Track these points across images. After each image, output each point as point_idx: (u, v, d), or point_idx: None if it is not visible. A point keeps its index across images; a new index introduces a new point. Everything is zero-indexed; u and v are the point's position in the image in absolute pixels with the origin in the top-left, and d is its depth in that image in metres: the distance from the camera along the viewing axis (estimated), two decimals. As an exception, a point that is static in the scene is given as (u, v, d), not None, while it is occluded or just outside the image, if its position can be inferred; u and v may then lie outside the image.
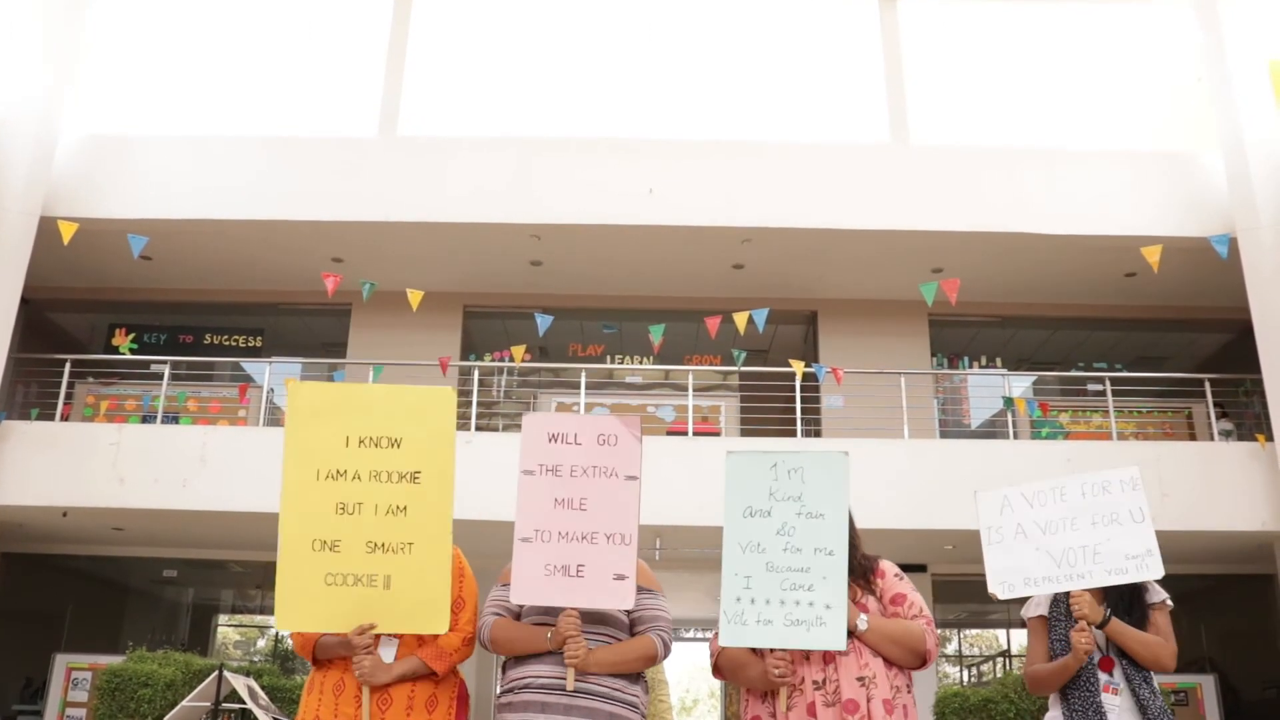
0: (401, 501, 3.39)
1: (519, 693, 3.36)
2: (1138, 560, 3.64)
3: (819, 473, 3.43)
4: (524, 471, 3.48)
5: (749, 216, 12.33)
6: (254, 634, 16.62)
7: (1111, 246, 12.33)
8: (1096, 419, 13.38)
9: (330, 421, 3.46)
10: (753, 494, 3.45)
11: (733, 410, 13.80)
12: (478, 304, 14.32)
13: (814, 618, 3.27)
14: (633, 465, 3.48)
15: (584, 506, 3.42)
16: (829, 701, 3.24)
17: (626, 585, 3.36)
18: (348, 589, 3.35)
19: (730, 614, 3.35)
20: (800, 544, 3.36)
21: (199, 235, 12.73)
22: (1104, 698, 3.65)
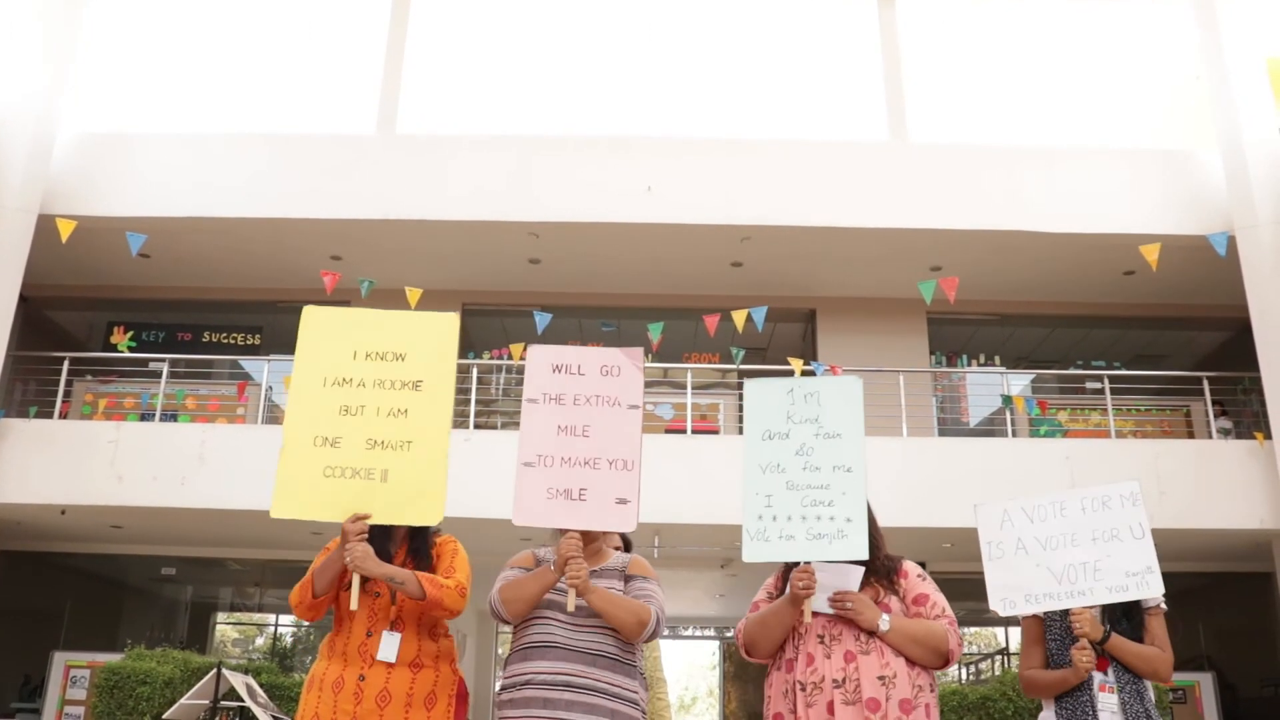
0: (403, 405, 3.50)
1: (520, 689, 3.36)
2: (1138, 578, 3.66)
3: (834, 395, 3.52)
4: (528, 400, 3.54)
5: (747, 214, 12.33)
6: (252, 632, 16.63)
7: (1110, 244, 12.34)
8: (1095, 417, 13.38)
9: (339, 339, 3.59)
10: (771, 418, 3.53)
11: (731, 408, 13.79)
12: (476, 302, 14.31)
13: (835, 531, 3.33)
14: (635, 395, 3.54)
15: (587, 433, 3.48)
16: (849, 700, 3.25)
17: (629, 509, 3.40)
18: (345, 480, 3.42)
19: (753, 531, 3.41)
20: (819, 463, 3.43)
21: (197, 233, 12.72)
22: (1100, 697, 3.67)
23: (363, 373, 3.54)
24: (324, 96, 13.72)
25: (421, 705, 3.43)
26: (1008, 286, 13.66)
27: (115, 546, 13.79)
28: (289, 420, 3.51)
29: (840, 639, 3.35)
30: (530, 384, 3.56)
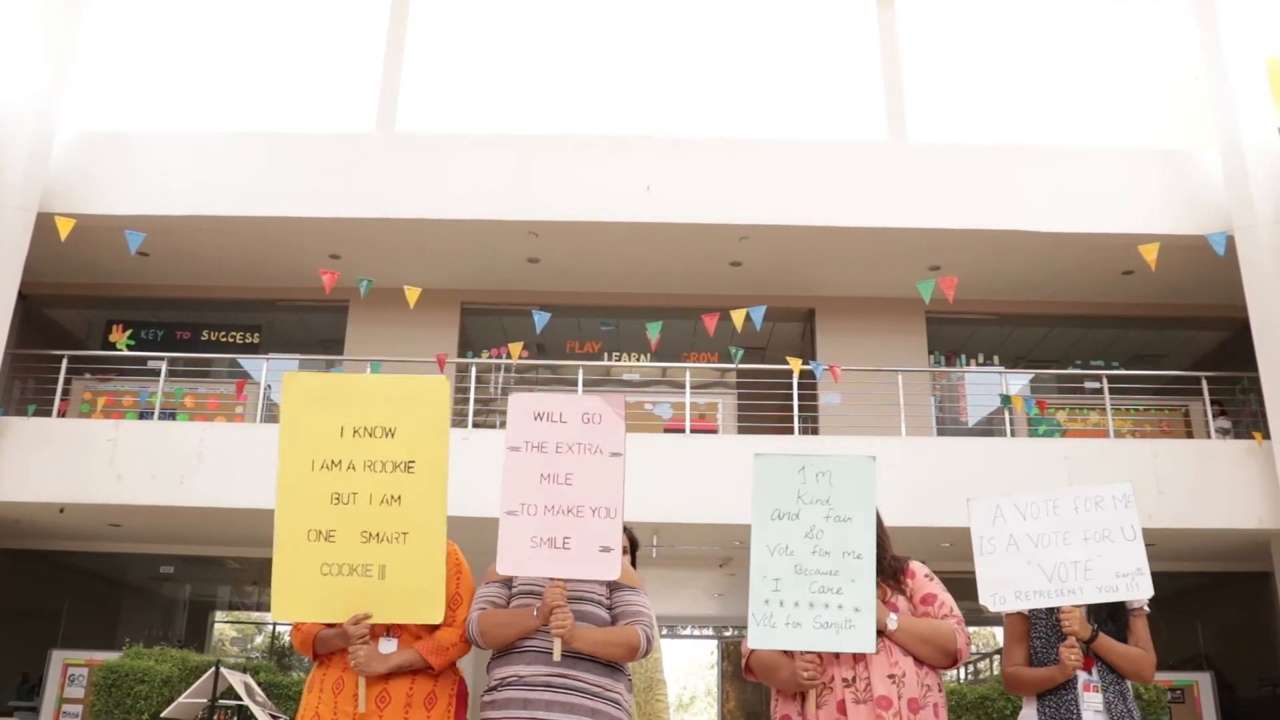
0: (396, 491, 3.42)
1: (501, 690, 3.38)
2: (1128, 579, 3.67)
3: (847, 476, 3.46)
4: (510, 448, 3.52)
5: (747, 214, 12.33)
6: (251, 630, 16.63)
7: (1109, 244, 12.34)
8: (1094, 417, 13.39)
9: (325, 411, 3.49)
10: (781, 497, 3.47)
11: (730, 408, 13.80)
12: (475, 301, 14.31)
13: (843, 620, 3.30)
14: (617, 442, 3.51)
15: (569, 481, 3.46)
16: (860, 699, 3.26)
17: (612, 557, 3.39)
18: (343, 579, 3.36)
19: (759, 616, 3.37)
20: (829, 547, 3.39)
21: (196, 231, 12.72)
22: (1085, 696, 3.69)
23: (352, 453, 3.44)
24: (323, 95, 13.71)
25: (421, 705, 3.43)
26: (1006, 286, 13.66)
27: (114, 545, 13.79)
28: (280, 511, 3.45)
29: None
30: (512, 432, 3.54)
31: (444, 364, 11.96)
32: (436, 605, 3.39)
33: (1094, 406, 13.34)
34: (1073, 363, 14.86)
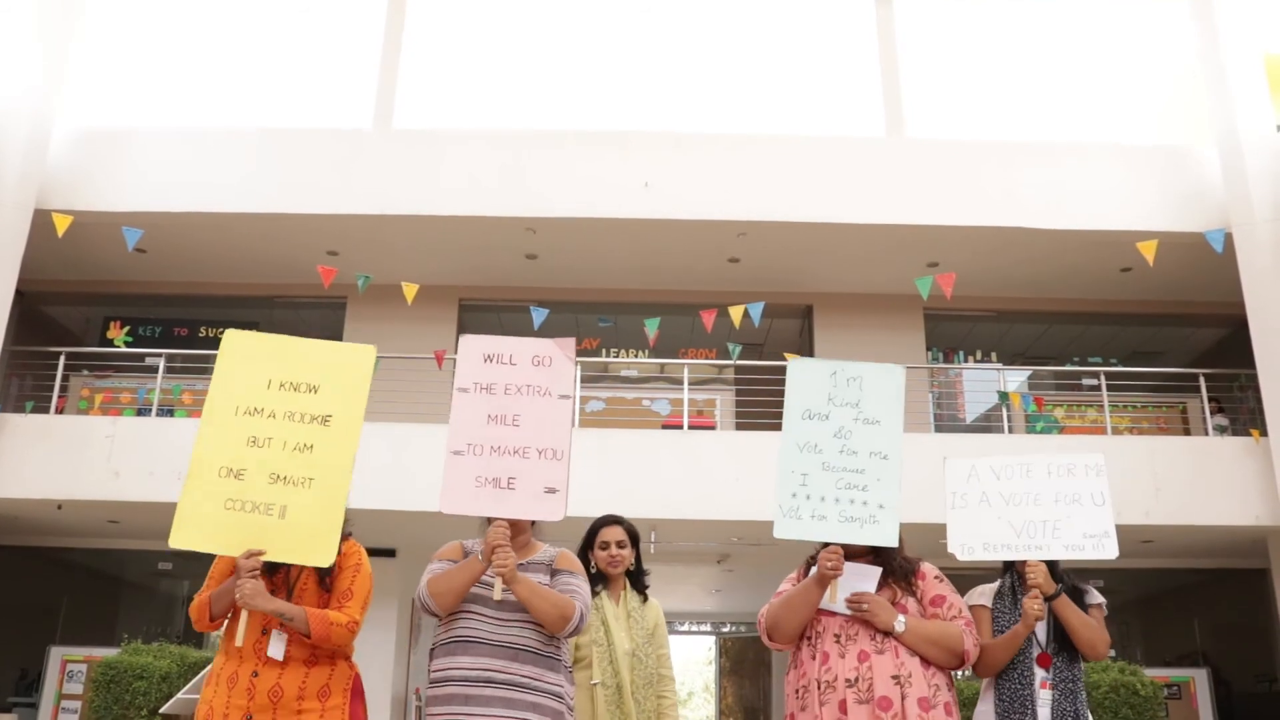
0: (309, 441, 3.51)
1: (443, 685, 3.39)
2: (1095, 540, 3.73)
3: (876, 382, 3.53)
4: (458, 389, 3.55)
5: (744, 210, 12.33)
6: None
7: (1107, 241, 12.35)
8: (1091, 413, 13.39)
9: (256, 366, 3.62)
10: (812, 398, 3.54)
11: (728, 404, 13.81)
12: (473, 297, 14.32)
13: (868, 515, 3.37)
14: (566, 385, 3.55)
15: (517, 423, 3.48)
16: (861, 699, 3.27)
17: (558, 498, 3.42)
18: (245, 515, 3.45)
19: (785, 508, 3.43)
20: (856, 447, 3.46)
21: (193, 228, 12.71)
22: (1039, 693, 3.71)
23: (274, 403, 3.56)
24: (320, 91, 13.70)
25: (315, 698, 3.46)
26: (1004, 283, 13.67)
27: (112, 541, 13.79)
28: (197, 448, 3.53)
29: (855, 639, 3.37)
30: (461, 373, 3.57)
31: (442, 360, 11.96)
32: (328, 549, 3.44)
33: (1091, 403, 13.35)
34: (1070, 359, 14.87)
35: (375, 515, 10.90)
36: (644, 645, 4.17)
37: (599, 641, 4.07)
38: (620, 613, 4.22)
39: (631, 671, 4.06)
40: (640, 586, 4.40)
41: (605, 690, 3.99)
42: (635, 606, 4.28)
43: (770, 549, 12.97)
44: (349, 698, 3.55)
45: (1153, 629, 13.50)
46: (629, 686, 4.01)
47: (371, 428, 12.36)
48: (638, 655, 4.12)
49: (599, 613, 4.15)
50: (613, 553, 4.33)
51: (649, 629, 4.25)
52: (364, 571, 3.65)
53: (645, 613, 4.30)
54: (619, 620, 4.19)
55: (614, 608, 4.22)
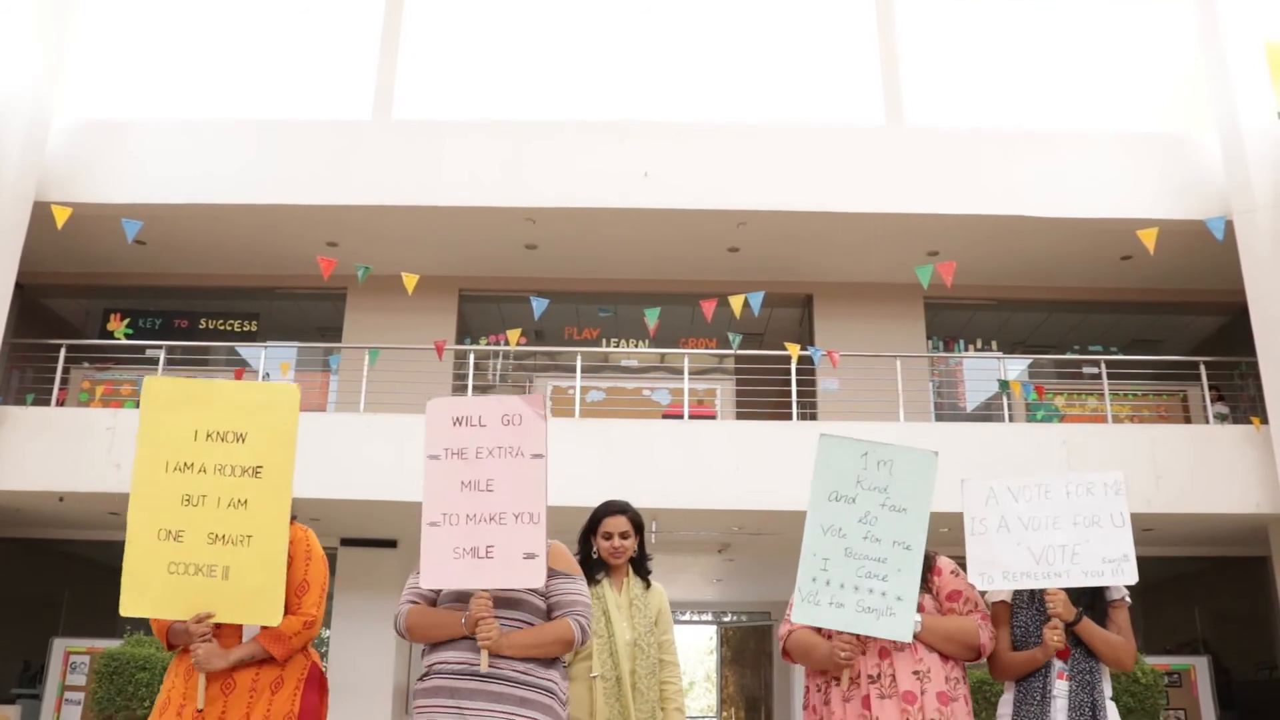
0: (243, 495, 3.49)
1: (430, 679, 3.39)
2: (1114, 565, 3.72)
3: (908, 468, 3.52)
4: (429, 457, 3.51)
5: (744, 199, 12.31)
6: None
7: (1107, 229, 12.33)
8: (1092, 402, 13.39)
9: (180, 415, 3.58)
10: (841, 479, 3.52)
11: (728, 393, 13.80)
12: (473, 287, 14.31)
13: (884, 607, 3.35)
14: (538, 443, 3.47)
15: (491, 488, 3.44)
16: (885, 694, 3.32)
17: (537, 564, 3.36)
18: (189, 578, 3.45)
19: (805, 593, 3.42)
20: (880, 534, 3.44)
21: (193, 219, 12.70)
22: (1056, 684, 3.72)
23: (204, 456, 3.54)
24: (319, 82, 13.69)
25: (267, 690, 3.48)
26: (1005, 271, 13.66)
27: (113, 533, 13.79)
28: (133, 509, 3.53)
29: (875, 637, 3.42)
30: (431, 440, 3.54)
31: (442, 350, 11.97)
32: (275, 607, 3.44)
33: (1092, 392, 13.35)
34: (1071, 348, 14.87)
35: (376, 506, 10.91)
36: (646, 634, 4.08)
37: (599, 633, 4.00)
38: (623, 601, 4.14)
39: (633, 661, 3.99)
40: (644, 573, 4.31)
41: (605, 683, 3.93)
42: (638, 594, 4.18)
43: (771, 538, 12.99)
44: (303, 687, 3.55)
45: (1153, 617, 13.51)
46: (629, 678, 3.94)
47: (372, 419, 12.35)
48: (640, 645, 4.04)
49: (600, 602, 4.07)
50: (615, 544, 4.22)
51: (652, 616, 4.16)
52: (316, 557, 3.65)
53: (649, 600, 4.21)
54: (621, 609, 4.11)
55: (616, 596, 4.14)
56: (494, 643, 3.30)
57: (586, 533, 4.31)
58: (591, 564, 4.20)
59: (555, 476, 11.82)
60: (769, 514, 11.59)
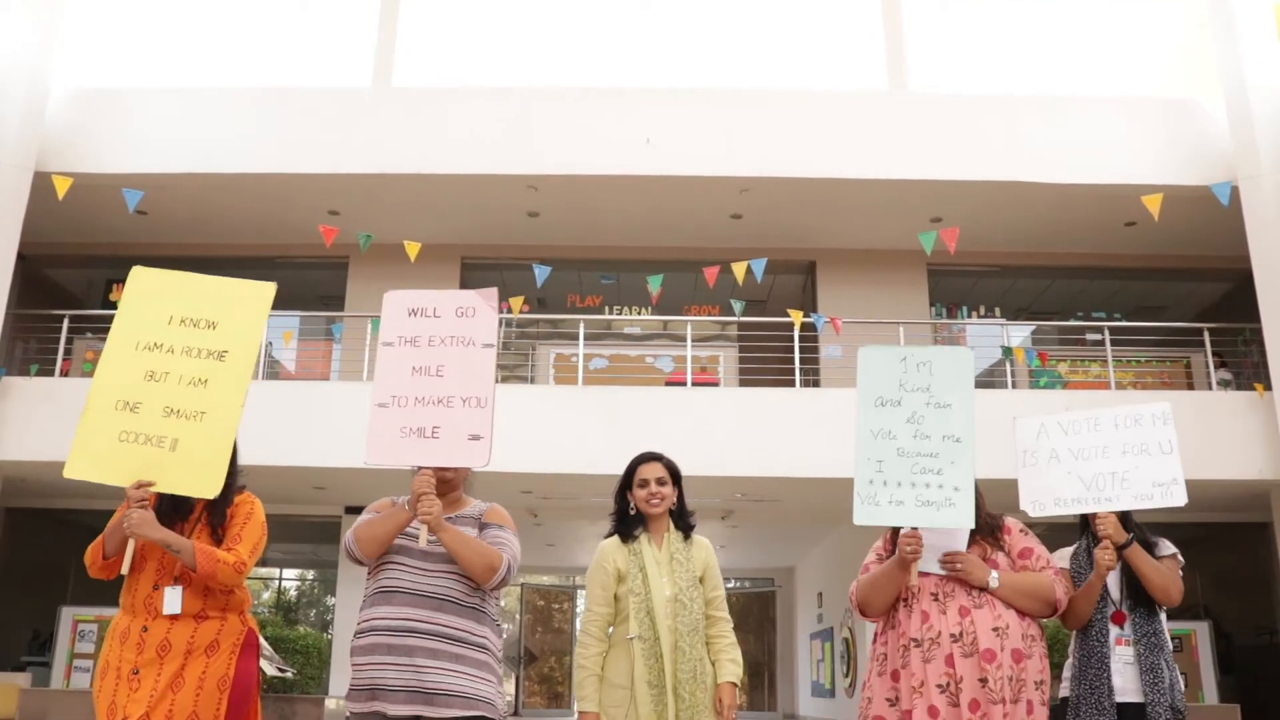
0: (205, 375, 3.60)
1: (366, 635, 3.39)
2: (1163, 488, 3.92)
3: (946, 365, 3.62)
4: (383, 344, 3.58)
5: (747, 166, 12.28)
6: (257, 585, 16.75)
7: (1112, 195, 12.28)
8: (1095, 368, 13.39)
9: (159, 302, 3.70)
10: (884, 385, 3.62)
11: (731, 360, 13.80)
12: (475, 255, 14.29)
13: (943, 499, 3.45)
14: (489, 334, 3.55)
15: (441, 373, 3.50)
16: (967, 652, 3.39)
17: (482, 445, 3.41)
18: (137, 447, 3.54)
19: (864, 495, 3.52)
20: (929, 431, 3.54)
21: (194, 189, 12.68)
22: (1115, 650, 3.85)
23: (174, 339, 3.64)
24: (320, 50, 13.62)
25: (202, 653, 3.51)
26: (1008, 238, 13.62)
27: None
28: (96, 380, 3.61)
29: (954, 595, 3.49)
30: (386, 328, 3.60)
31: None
32: (215, 481, 3.50)
33: (1095, 358, 13.34)
34: (1074, 314, 14.85)
35: (380, 474, 10.93)
36: (689, 589, 3.86)
37: (636, 591, 3.82)
38: (662, 557, 3.94)
39: (674, 618, 3.79)
40: (685, 526, 4.10)
41: (642, 644, 3.75)
42: (679, 548, 3.98)
43: (774, 505, 13.03)
44: (238, 652, 3.58)
45: (1155, 582, 13.54)
46: (670, 635, 3.75)
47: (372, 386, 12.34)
48: (681, 600, 3.82)
49: (637, 559, 3.90)
50: (652, 490, 3.99)
51: (695, 571, 3.94)
52: (255, 520, 3.69)
53: (691, 553, 4.00)
54: (660, 565, 3.91)
55: (654, 552, 3.95)
56: (434, 519, 3.33)
57: (622, 488, 4.10)
58: (629, 521, 4.04)
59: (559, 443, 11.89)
60: (772, 480, 11.62)
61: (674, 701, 3.67)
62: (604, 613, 3.87)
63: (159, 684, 3.43)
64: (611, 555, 3.95)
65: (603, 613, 3.87)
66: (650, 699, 3.66)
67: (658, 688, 3.68)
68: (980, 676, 3.36)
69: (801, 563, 19.76)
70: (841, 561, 15.62)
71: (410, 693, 3.28)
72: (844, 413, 11.47)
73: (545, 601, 22.58)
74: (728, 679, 3.81)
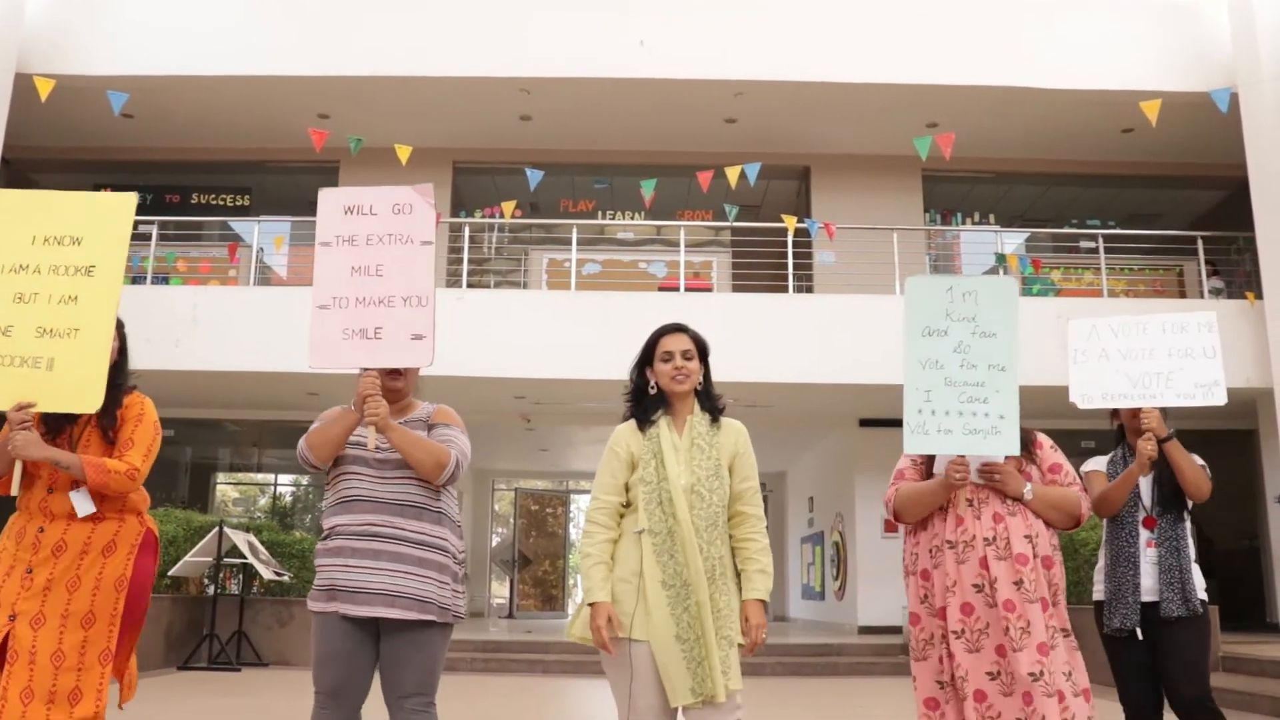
0: (74, 292, 3.59)
1: (329, 540, 3.44)
2: (1205, 388, 4.10)
3: (991, 295, 3.69)
4: (320, 244, 3.53)
5: (741, 69, 12.13)
6: (253, 491, 16.90)
7: (1109, 101, 12.17)
8: (1088, 276, 13.39)
9: (22, 223, 3.69)
10: (930, 315, 3.70)
11: (725, 266, 13.79)
12: (467, 160, 14.17)
13: (990, 427, 3.58)
14: (427, 231, 3.51)
15: (380, 273, 3.47)
16: (1000, 555, 3.54)
17: (425, 344, 3.43)
18: (14, 369, 3.53)
19: (913, 424, 3.62)
20: (975, 360, 3.64)
21: (181, 91, 12.49)
22: (1145, 551, 4.13)
23: (39, 258, 3.63)
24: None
25: (99, 553, 3.55)
26: (1004, 144, 13.52)
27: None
28: None
29: (988, 502, 3.63)
30: (322, 227, 3.53)
31: (437, 223, 11.88)
32: (95, 395, 3.52)
33: (1089, 266, 13.33)
34: (1069, 222, 14.81)
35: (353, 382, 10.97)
36: (709, 478, 3.42)
37: (647, 480, 3.41)
38: (683, 442, 3.49)
39: (690, 510, 3.37)
40: (712, 408, 3.60)
41: (653, 538, 3.35)
42: (702, 433, 3.51)
43: (766, 410, 13.11)
44: (136, 551, 3.62)
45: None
46: (687, 528, 3.33)
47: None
48: (699, 491, 3.39)
49: (653, 443, 3.47)
50: (678, 364, 3.53)
51: (720, 459, 3.48)
52: (147, 421, 3.72)
53: (717, 439, 3.52)
54: (679, 451, 3.47)
55: (673, 437, 3.50)
56: (381, 420, 3.34)
57: (641, 365, 3.64)
58: (647, 403, 3.57)
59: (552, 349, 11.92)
60: (764, 386, 11.67)
61: (692, 604, 3.29)
62: (613, 501, 3.46)
63: (53, 582, 3.47)
64: (625, 439, 3.52)
65: (611, 501, 3.46)
66: (666, 601, 3.29)
67: (672, 588, 3.31)
68: (1015, 579, 3.51)
69: (793, 468, 19.97)
70: (833, 467, 15.78)
71: (371, 594, 3.33)
72: (836, 319, 11.58)
73: (539, 506, 22.83)
74: (755, 595, 3.38)
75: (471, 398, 12.29)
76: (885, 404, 12.01)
